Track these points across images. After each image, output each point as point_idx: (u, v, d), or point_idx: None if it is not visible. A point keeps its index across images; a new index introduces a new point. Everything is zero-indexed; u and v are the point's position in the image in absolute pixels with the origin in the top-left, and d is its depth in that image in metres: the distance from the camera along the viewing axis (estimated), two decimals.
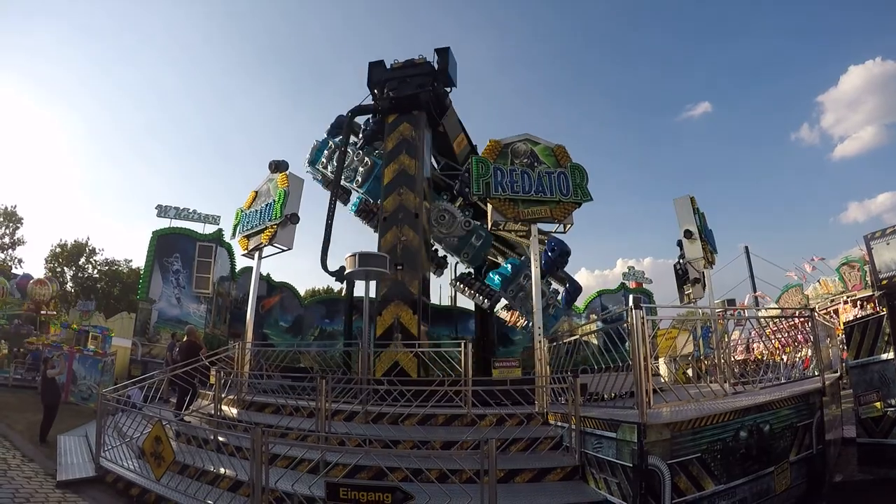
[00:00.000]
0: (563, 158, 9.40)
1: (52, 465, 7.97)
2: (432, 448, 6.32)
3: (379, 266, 9.76)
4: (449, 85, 12.04)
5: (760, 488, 5.60)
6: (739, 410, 5.62)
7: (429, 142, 11.79)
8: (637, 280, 28.05)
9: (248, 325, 11.61)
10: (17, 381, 14.86)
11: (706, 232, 13.06)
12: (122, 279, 37.38)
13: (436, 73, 11.80)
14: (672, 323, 10.01)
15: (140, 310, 19.13)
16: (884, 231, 18.74)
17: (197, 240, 20.26)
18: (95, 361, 15.08)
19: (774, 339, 9.78)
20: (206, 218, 20.84)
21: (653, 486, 4.82)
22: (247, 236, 12.07)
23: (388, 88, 12.14)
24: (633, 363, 5.44)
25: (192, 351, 9.84)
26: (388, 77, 12.28)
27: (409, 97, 11.77)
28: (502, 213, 9.05)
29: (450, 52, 11.97)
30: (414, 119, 11.80)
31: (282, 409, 8.09)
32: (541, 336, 8.48)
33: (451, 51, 11.99)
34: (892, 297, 8.06)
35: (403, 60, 12.17)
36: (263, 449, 5.25)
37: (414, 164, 11.38)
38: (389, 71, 12.44)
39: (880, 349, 7.69)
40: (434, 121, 12.24)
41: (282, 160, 12.42)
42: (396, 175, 11.56)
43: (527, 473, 5.95)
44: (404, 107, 11.89)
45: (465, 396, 7.57)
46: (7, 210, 35.24)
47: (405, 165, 11.54)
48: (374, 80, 12.52)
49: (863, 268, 22.87)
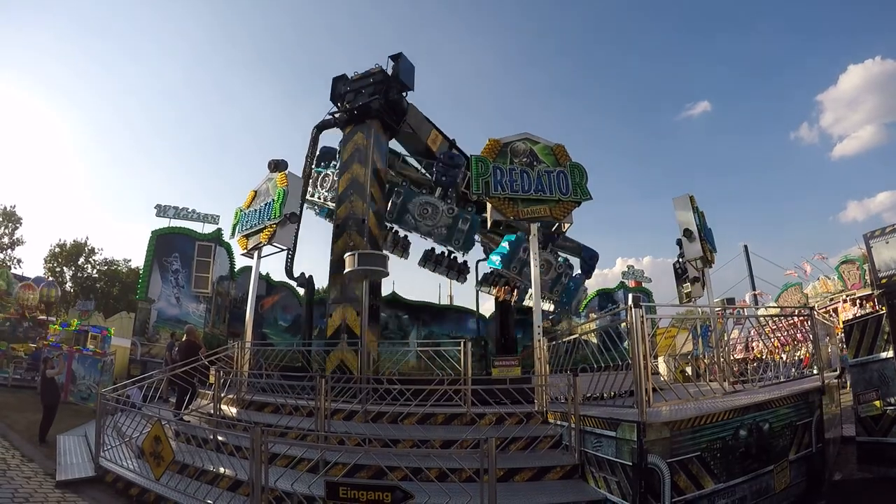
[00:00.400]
0: (563, 157, 9.39)
1: (51, 464, 7.96)
2: (432, 447, 6.33)
3: (379, 265, 9.77)
4: (404, 89, 12.34)
5: (760, 487, 5.61)
6: (739, 409, 5.63)
7: (383, 147, 12.12)
8: (636, 279, 28.08)
9: (247, 324, 11.61)
10: (16, 381, 14.85)
11: (705, 231, 13.03)
12: (121, 279, 37.38)
13: (389, 80, 12.06)
14: (671, 322, 10.03)
15: (139, 309, 19.11)
16: (883, 230, 18.77)
17: (196, 239, 20.25)
18: (95, 361, 15.07)
19: (774, 338, 9.79)
20: (206, 217, 20.82)
21: (652, 484, 4.82)
22: (246, 236, 12.07)
23: (346, 101, 12.48)
24: (633, 362, 5.44)
25: (191, 350, 9.83)
26: (347, 90, 12.59)
27: (361, 107, 12.06)
28: (502, 212, 9.05)
29: (402, 57, 12.28)
30: (366, 128, 12.07)
31: (281, 409, 8.08)
32: (540, 335, 8.48)
33: (404, 56, 12.30)
34: (892, 296, 8.05)
35: (363, 72, 12.47)
36: (263, 448, 5.25)
37: (364, 171, 11.64)
38: (349, 82, 12.70)
39: (880, 348, 7.70)
40: (392, 126, 12.53)
41: (281, 159, 12.39)
42: (349, 184, 11.78)
43: (526, 472, 5.95)
44: (358, 117, 12.18)
45: (465, 395, 7.57)
46: (6, 210, 35.24)
47: (356, 174, 11.77)
48: (335, 93, 12.82)
49: (862, 266, 22.92)
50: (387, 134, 12.36)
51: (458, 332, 20.36)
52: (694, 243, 12.24)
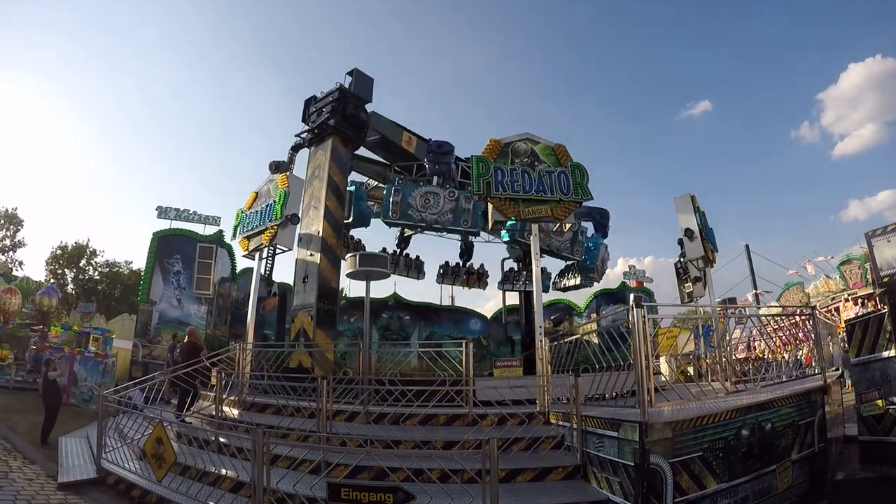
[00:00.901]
0: (564, 157, 9.39)
1: (53, 466, 7.96)
2: (434, 448, 6.33)
3: (379, 266, 9.80)
4: (362, 102, 12.70)
5: (762, 486, 5.60)
6: (741, 409, 5.62)
7: (342, 160, 12.40)
8: (638, 279, 28.03)
9: (248, 326, 11.63)
10: (18, 383, 14.87)
11: (707, 230, 13.04)
12: (122, 281, 37.40)
13: (346, 95, 12.37)
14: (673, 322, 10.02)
15: (141, 311, 19.15)
16: (885, 228, 18.69)
17: (197, 241, 20.28)
18: (96, 363, 15.08)
19: (776, 338, 9.78)
20: (207, 219, 20.85)
21: (655, 484, 4.82)
22: (247, 237, 12.09)
23: (311, 121, 12.79)
24: (635, 362, 5.43)
25: (192, 352, 9.83)
26: (313, 110, 12.89)
27: (320, 125, 12.35)
28: (503, 212, 9.06)
29: (357, 71, 12.66)
30: (325, 145, 12.30)
31: (283, 410, 8.08)
32: (542, 335, 8.48)
33: (359, 70, 12.69)
34: (893, 295, 8.03)
35: (328, 90, 12.80)
36: (265, 450, 5.26)
37: (321, 186, 11.84)
38: (316, 102, 12.96)
39: (882, 346, 7.69)
40: (352, 139, 12.82)
41: (282, 161, 12.45)
42: (309, 201, 12.00)
43: (528, 473, 5.95)
44: (319, 136, 12.48)
45: (467, 396, 7.57)
46: (8, 212, 35.30)
47: (315, 190, 11.97)
48: (305, 115, 13.13)
49: (864, 265, 22.88)
50: (349, 147, 12.71)
51: (459, 333, 20.36)
52: (695, 243, 12.26)
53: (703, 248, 12.26)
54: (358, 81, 12.57)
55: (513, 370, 9.30)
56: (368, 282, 10.65)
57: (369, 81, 12.90)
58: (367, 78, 12.84)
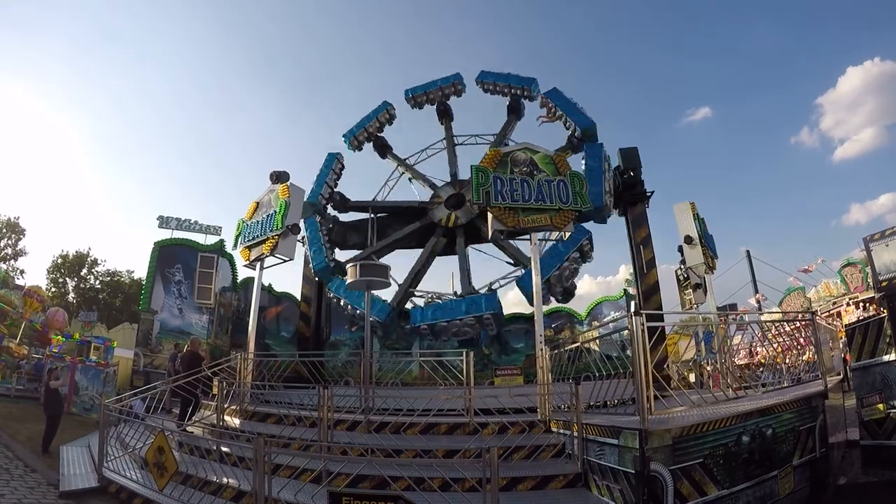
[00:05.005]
0: (563, 167, 9.46)
1: (54, 475, 7.97)
2: (435, 457, 6.33)
3: (380, 276, 9.83)
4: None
5: (764, 492, 5.59)
6: (742, 415, 5.62)
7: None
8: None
9: (250, 335, 11.64)
10: (19, 392, 14.88)
11: (707, 237, 13.10)
12: (124, 290, 37.45)
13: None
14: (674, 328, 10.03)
15: (142, 320, 19.18)
16: (883, 233, 18.78)
17: (199, 250, 20.34)
18: (98, 372, 15.10)
19: (777, 343, 9.77)
20: (208, 229, 20.94)
21: (655, 492, 4.82)
22: (248, 247, 12.14)
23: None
24: (634, 369, 5.45)
25: (194, 361, 9.86)
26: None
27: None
28: (503, 221, 9.10)
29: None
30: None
31: (284, 419, 8.09)
32: (542, 343, 8.49)
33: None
34: (892, 299, 8.04)
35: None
36: (266, 459, 5.27)
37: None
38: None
39: (882, 351, 7.68)
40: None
41: (283, 171, 12.53)
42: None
43: (529, 481, 5.95)
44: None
45: (468, 405, 7.57)
46: (10, 221, 35.42)
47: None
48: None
49: (864, 269, 22.87)
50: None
51: (462, 345, 20.30)
52: (695, 250, 12.30)
53: (703, 255, 12.30)
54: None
55: (514, 379, 9.31)
56: (369, 292, 10.68)
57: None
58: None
